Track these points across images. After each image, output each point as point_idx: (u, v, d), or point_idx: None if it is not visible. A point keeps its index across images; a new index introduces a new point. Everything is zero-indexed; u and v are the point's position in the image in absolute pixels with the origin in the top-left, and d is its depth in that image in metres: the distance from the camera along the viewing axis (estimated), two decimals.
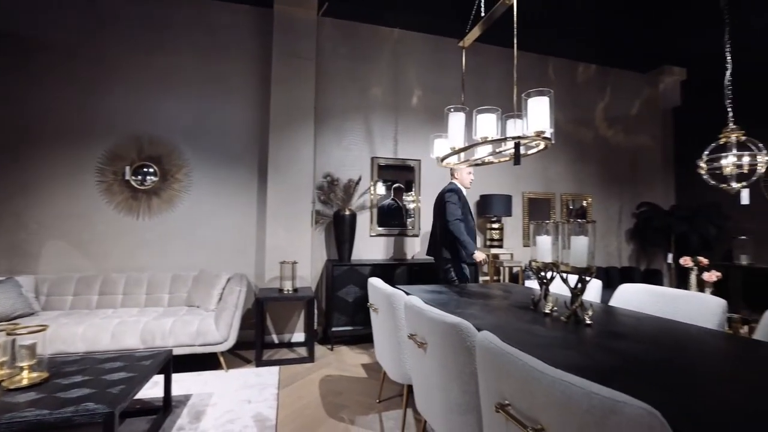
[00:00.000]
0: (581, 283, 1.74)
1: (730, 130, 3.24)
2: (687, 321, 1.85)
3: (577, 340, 1.45)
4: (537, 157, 5.06)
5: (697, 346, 1.42)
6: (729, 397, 0.96)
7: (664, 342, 1.45)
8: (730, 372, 1.17)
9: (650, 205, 5.21)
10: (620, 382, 1.05)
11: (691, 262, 3.57)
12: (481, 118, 2.15)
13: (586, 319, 1.68)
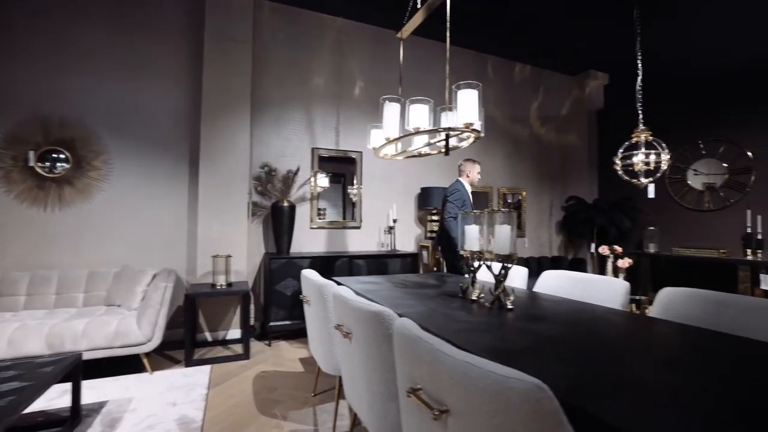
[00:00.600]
0: (504, 270, 1.82)
1: (640, 131, 3.56)
2: (598, 302, 2.00)
3: (498, 324, 1.51)
4: (476, 152, 5.24)
5: (603, 324, 1.53)
6: (623, 369, 1.04)
7: (574, 322, 1.55)
8: (627, 346, 1.27)
9: (577, 199, 5.61)
10: (529, 361, 1.10)
11: (607, 250, 3.88)
12: (414, 108, 2.16)
13: (507, 304, 1.76)
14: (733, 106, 4.54)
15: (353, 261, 3.99)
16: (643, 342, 1.34)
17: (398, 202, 4.69)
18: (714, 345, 1.27)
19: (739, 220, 4.35)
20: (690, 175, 4.86)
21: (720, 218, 4.60)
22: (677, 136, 5.01)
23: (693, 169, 4.83)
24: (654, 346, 1.29)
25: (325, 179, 4.35)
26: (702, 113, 4.80)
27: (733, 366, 1.08)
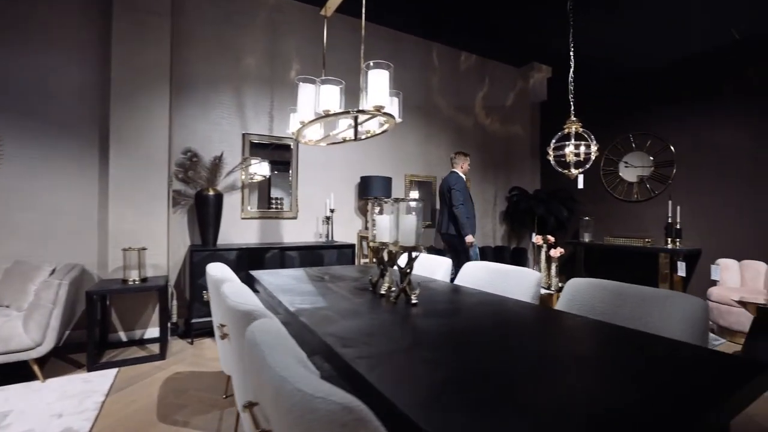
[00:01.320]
0: (409, 262, 1.73)
1: (571, 122, 3.60)
2: (512, 294, 1.97)
3: (391, 320, 1.41)
4: (419, 141, 5.18)
5: (502, 319, 1.48)
6: (497, 374, 0.96)
7: (474, 317, 1.49)
8: (511, 343, 1.21)
9: (520, 189, 5.70)
10: (396, 364, 1.00)
11: (541, 240, 3.95)
12: (324, 90, 2.00)
13: (412, 299, 1.67)
14: (658, 102, 4.74)
15: (285, 253, 3.81)
16: (528, 335, 1.28)
17: (337, 192, 4.53)
18: (606, 337, 1.24)
19: (662, 211, 4.57)
20: (621, 167, 5.05)
21: (647, 209, 4.82)
22: (612, 130, 5.18)
23: (624, 161, 5.02)
24: (540, 340, 1.23)
25: (266, 167, 4.12)
26: (633, 108, 4.99)
27: (614, 362, 1.04)
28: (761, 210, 3.92)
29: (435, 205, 5.27)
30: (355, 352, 1.06)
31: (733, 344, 3.41)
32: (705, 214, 4.32)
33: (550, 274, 3.94)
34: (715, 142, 4.25)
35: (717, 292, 3.63)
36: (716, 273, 3.88)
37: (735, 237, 4.10)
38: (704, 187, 4.33)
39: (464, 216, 4.00)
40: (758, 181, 3.95)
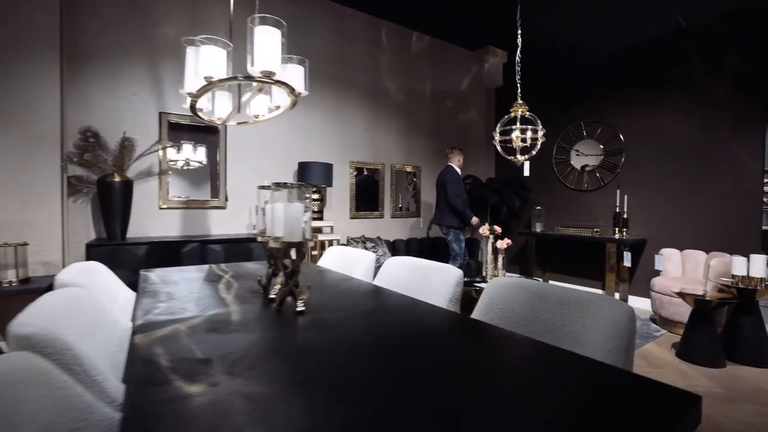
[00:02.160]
0: (297, 260, 1.42)
1: (518, 105, 3.39)
2: (431, 294, 1.72)
3: (262, 337, 1.11)
4: (367, 126, 4.86)
5: (398, 331, 1.20)
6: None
7: (363, 329, 1.21)
8: (381, 371, 0.93)
9: (473, 177, 5.51)
10: (212, 404, 0.70)
11: (487, 231, 3.75)
12: (204, 52, 1.64)
13: (298, 306, 1.37)
14: (609, 89, 4.63)
15: (207, 247, 3.42)
16: (417, 358, 1.00)
17: (273, 179, 4.15)
18: (515, 357, 0.98)
19: (611, 200, 4.50)
20: (573, 156, 4.94)
21: (596, 198, 4.74)
22: (565, 117, 5.05)
23: (576, 149, 4.91)
24: (430, 367, 0.96)
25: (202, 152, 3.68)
26: (585, 95, 4.86)
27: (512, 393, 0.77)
28: (702, 200, 3.89)
29: (382, 191, 4.99)
30: (160, 393, 0.75)
31: (673, 335, 3.36)
32: (651, 203, 4.27)
33: (497, 266, 3.76)
34: (661, 132, 4.19)
35: (659, 282, 3.56)
36: (659, 263, 3.82)
37: (678, 227, 4.07)
38: (650, 177, 4.27)
39: (462, 205, 4.23)
40: (700, 171, 3.91)
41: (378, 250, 4.41)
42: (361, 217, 4.83)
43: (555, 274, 5.17)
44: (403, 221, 5.22)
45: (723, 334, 2.90)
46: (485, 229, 3.75)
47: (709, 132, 3.85)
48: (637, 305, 4.30)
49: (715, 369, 2.69)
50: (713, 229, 3.82)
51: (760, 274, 2.74)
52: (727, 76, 3.75)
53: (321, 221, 4.18)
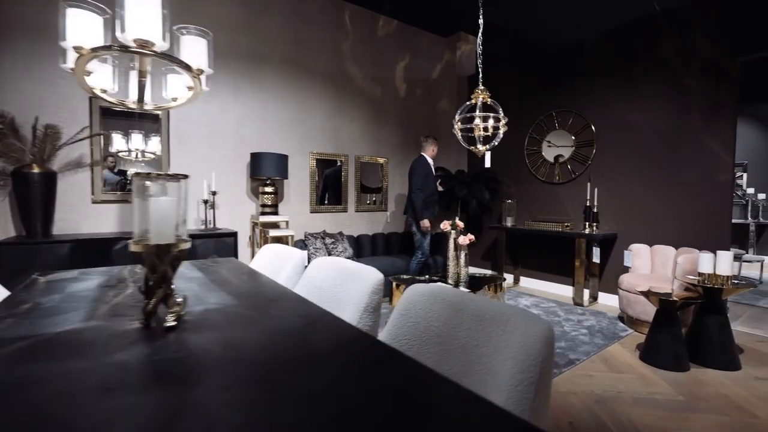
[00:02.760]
0: (167, 268, 1.17)
1: (479, 92, 3.16)
2: (347, 303, 1.49)
3: (107, 363, 0.86)
4: (329, 115, 4.59)
5: (274, 358, 0.97)
6: None
7: (223, 355, 0.97)
8: None
9: (444, 170, 5.28)
10: None
11: (448, 226, 3.54)
12: (72, 16, 1.36)
13: (167, 321, 1.13)
14: (581, 77, 4.43)
15: None
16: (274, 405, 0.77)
17: (224, 171, 3.87)
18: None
19: (583, 194, 4.32)
20: (545, 147, 4.75)
21: (568, 191, 4.57)
22: (537, 107, 4.85)
23: (547, 140, 4.72)
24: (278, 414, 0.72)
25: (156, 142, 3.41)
26: (558, 83, 4.66)
27: None
28: (673, 193, 3.73)
29: (346, 184, 4.75)
30: None
31: (639, 335, 3.20)
32: (621, 196, 4.10)
33: (459, 264, 3.56)
34: (632, 122, 4.01)
35: (627, 279, 3.40)
36: (629, 259, 3.67)
37: (649, 221, 3.91)
38: (621, 169, 4.10)
39: (419, 201, 4.01)
40: (670, 163, 3.75)
41: (338, 246, 4.17)
42: (323, 211, 4.58)
43: (527, 270, 5.00)
44: (369, 215, 4.98)
45: (688, 335, 2.75)
46: (446, 225, 3.54)
47: (681, 122, 3.69)
48: (607, 302, 4.15)
49: (678, 373, 2.53)
50: (683, 223, 3.67)
51: (727, 272, 2.58)
52: (699, 63, 3.57)
53: (275, 216, 3.92)
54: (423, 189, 4.04)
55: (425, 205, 4.04)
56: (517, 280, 5.06)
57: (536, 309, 3.91)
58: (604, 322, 3.53)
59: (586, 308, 3.98)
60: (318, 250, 4.10)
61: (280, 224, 3.99)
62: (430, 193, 4.11)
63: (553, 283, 4.71)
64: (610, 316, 3.69)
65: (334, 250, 4.14)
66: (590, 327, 3.38)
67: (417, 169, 4.09)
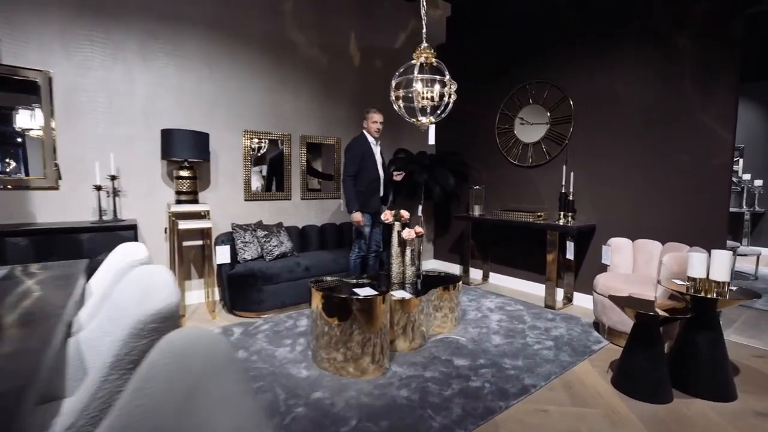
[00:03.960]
0: None
1: (422, 50, 2.55)
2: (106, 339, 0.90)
3: None
4: (266, 88, 3.94)
5: None
6: None
7: None
8: None
9: (406, 152, 4.67)
10: None
11: (390, 217, 2.95)
12: None
13: None
14: (559, 43, 3.79)
15: (5, 240, 2.52)
16: None
17: (132, 151, 3.25)
18: None
19: (558, 178, 3.73)
20: (517, 125, 4.14)
21: (542, 175, 3.98)
22: (509, 80, 4.23)
23: (520, 117, 4.11)
24: None
25: (39, 115, 2.75)
26: (532, 51, 4.02)
27: None
28: (660, 178, 3.15)
29: (288, 168, 4.13)
30: None
31: (615, 348, 2.66)
32: (601, 182, 3.52)
33: (404, 262, 2.98)
34: (615, 94, 3.40)
35: (603, 281, 2.84)
36: (607, 255, 3.11)
37: (631, 211, 3.34)
38: (601, 150, 3.51)
39: (349, 190, 3.37)
40: (659, 143, 3.16)
41: (272, 239, 3.58)
42: (261, 198, 3.97)
43: (497, 266, 4.44)
44: (318, 204, 4.38)
45: (671, 353, 2.20)
46: (388, 215, 2.95)
47: (672, 93, 3.09)
48: (583, 304, 3.61)
49: (658, 405, 1.99)
50: (672, 214, 3.10)
51: (723, 278, 2.02)
52: (695, 19, 2.96)
53: (193, 204, 3.31)
54: (358, 175, 3.38)
55: (359, 194, 3.38)
56: (486, 276, 4.51)
57: (499, 313, 3.36)
58: (576, 330, 2.99)
59: (558, 312, 3.43)
60: (247, 244, 3.50)
61: (203, 214, 3.37)
62: (370, 180, 3.45)
63: (525, 281, 4.16)
64: (584, 323, 3.14)
65: (267, 244, 3.54)
66: (558, 338, 2.83)
67: (349, 150, 3.42)
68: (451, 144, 4.94)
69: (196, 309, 3.47)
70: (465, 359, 2.49)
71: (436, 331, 2.89)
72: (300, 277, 3.44)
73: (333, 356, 2.30)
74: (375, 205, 3.51)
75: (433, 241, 5.32)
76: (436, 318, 2.89)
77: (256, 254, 3.55)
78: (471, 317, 3.27)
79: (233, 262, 3.43)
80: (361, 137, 3.49)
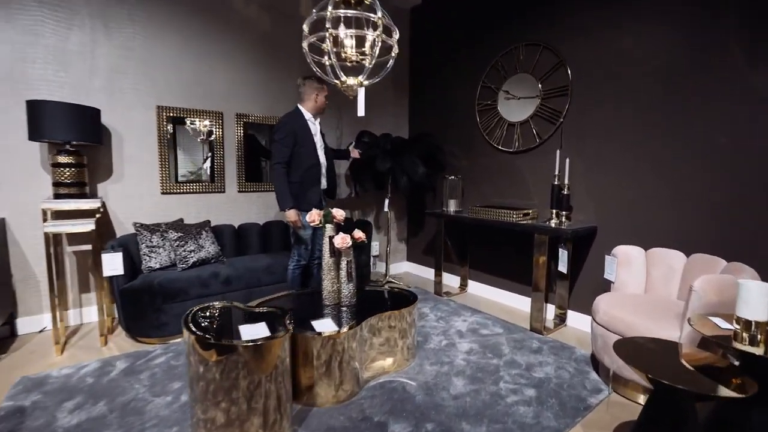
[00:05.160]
0: None
1: None
2: None
3: None
4: (190, 57, 3.17)
5: None
6: None
7: None
8: None
9: (370, 134, 3.89)
10: None
11: (316, 219, 2.20)
12: None
13: None
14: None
15: None
16: None
17: None
18: None
19: (551, 166, 2.95)
20: (501, 100, 3.35)
21: (531, 162, 3.20)
22: (494, 43, 3.41)
23: (505, 90, 3.31)
24: None
25: None
26: (521, 6, 3.19)
27: None
28: (685, 165, 2.36)
29: (219, 153, 3.37)
30: None
31: (622, 399, 1.93)
32: (605, 172, 2.73)
33: (338, 277, 2.24)
34: (625, 56, 2.59)
35: (605, 307, 2.08)
36: (611, 269, 2.35)
37: (645, 210, 2.56)
38: (606, 131, 2.71)
39: (279, 180, 2.58)
40: (684, 118, 2.36)
41: (188, 243, 2.84)
42: (186, 191, 3.23)
43: (477, 273, 3.69)
44: (261, 198, 3.63)
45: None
46: (314, 216, 2.20)
47: (707, 51, 2.28)
48: (579, 326, 2.86)
49: None
50: (701, 214, 2.32)
51: None
52: None
53: (79, 200, 2.57)
54: (292, 161, 2.61)
55: (293, 187, 2.62)
56: (465, 284, 3.76)
57: (471, 339, 2.62)
58: (568, 369, 2.24)
59: (547, 339, 2.68)
60: (155, 250, 2.77)
61: (92, 212, 2.63)
62: (308, 167, 2.68)
63: (509, 293, 3.40)
64: (579, 357, 2.40)
65: (182, 249, 2.81)
66: (542, 383, 2.09)
67: (278, 131, 2.61)
68: (423, 125, 4.15)
69: (91, 331, 2.76)
70: (406, 422, 1.76)
71: (377, 370, 2.15)
72: (217, 292, 2.71)
73: (211, 415, 1.57)
74: (315, 200, 2.74)
75: (405, 240, 4.56)
76: (381, 349, 2.16)
77: (167, 262, 2.82)
78: (433, 345, 2.53)
79: (135, 272, 2.71)
80: (295, 113, 2.71)
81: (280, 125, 2.65)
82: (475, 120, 3.54)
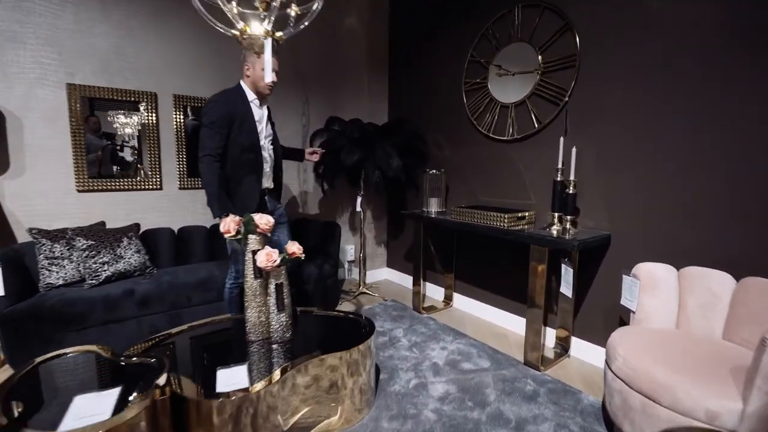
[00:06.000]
0: None
1: None
2: None
3: None
4: (117, 24, 2.60)
5: None
6: None
7: None
8: None
9: (340, 121, 3.32)
10: None
11: (232, 228, 1.63)
12: None
13: None
14: None
15: None
16: None
17: None
18: None
19: (553, 157, 2.36)
20: (492, 76, 2.75)
21: (528, 153, 2.61)
22: (485, 5, 2.81)
23: (496, 64, 2.71)
24: None
25: None
26: None
27: None
28: (728, 164, 1.77)
29: (153, 142, 2.80)
30: None
31: None
32: (621, 165, 2.14)
33: (266, 304, 1.69)
34: (647, 18, 1.99)
35: (624, 351, 1.51)
36: (631, 293, 1.77)
37: (674, 217, 1.97)
38: (622, 113, 2.11)
39: (208, 178, 1.97)
40: (726, 104, 1.76)
41: (103, 254, 2.29)
42: (111, 189, 2.68)
43: (465, 285, 3.12)
44: None
45: None
46: (227, 225, 1.64)
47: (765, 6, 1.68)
48: (586, 358, 2.30)
49: None
50: (754, 224, 1.73)
51: None
52: None
53: None
54: (226, 153, 2.03)
55: (229, 187, 2.06)
56: (450, 297, 3.20)
57: (449, 378, 2.07)
58: (573, 428, 1.68)
59: (545, 376, 2.12)
60: (56, 262, 2.22)
61: None
62: (248, 162, 2.09)
63: (503, 311, 2.84)
64: (586, 406, 1.84)
65: (92, 260, 2.26)
66: None
67: (206, 114, 2.00)
68: (404, 110, 3.57)
69: None
70: None
71: (310, 425, 1.60)
72: (130, 316, 2.17)
73: None
74: (253, 205, 2.15)
75: (385, 243, 4.00)
76: (320, 397, 1.61)
77: (75, 277, 2.28)
78: (398, 386, 1.97)
79: (34, 291, 2.17)
80: (234, 91, 2.09)
81: (211, 105, 2.04)
82: (462, 102, 2.95)
